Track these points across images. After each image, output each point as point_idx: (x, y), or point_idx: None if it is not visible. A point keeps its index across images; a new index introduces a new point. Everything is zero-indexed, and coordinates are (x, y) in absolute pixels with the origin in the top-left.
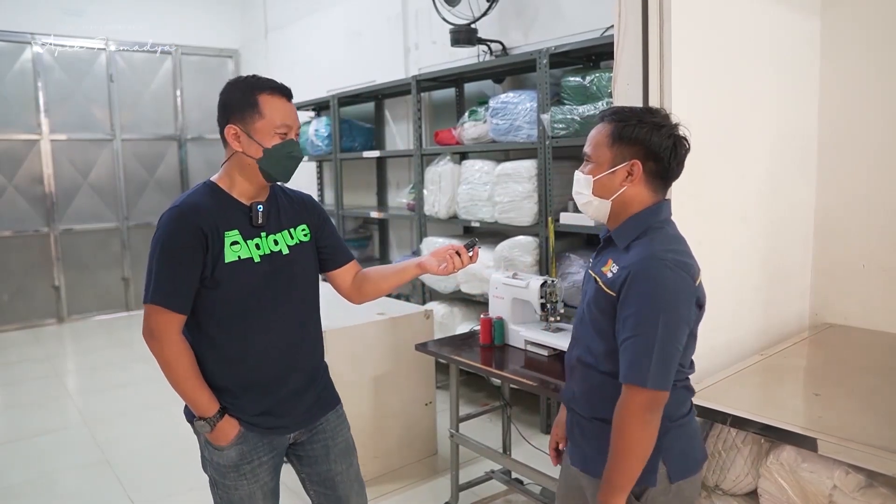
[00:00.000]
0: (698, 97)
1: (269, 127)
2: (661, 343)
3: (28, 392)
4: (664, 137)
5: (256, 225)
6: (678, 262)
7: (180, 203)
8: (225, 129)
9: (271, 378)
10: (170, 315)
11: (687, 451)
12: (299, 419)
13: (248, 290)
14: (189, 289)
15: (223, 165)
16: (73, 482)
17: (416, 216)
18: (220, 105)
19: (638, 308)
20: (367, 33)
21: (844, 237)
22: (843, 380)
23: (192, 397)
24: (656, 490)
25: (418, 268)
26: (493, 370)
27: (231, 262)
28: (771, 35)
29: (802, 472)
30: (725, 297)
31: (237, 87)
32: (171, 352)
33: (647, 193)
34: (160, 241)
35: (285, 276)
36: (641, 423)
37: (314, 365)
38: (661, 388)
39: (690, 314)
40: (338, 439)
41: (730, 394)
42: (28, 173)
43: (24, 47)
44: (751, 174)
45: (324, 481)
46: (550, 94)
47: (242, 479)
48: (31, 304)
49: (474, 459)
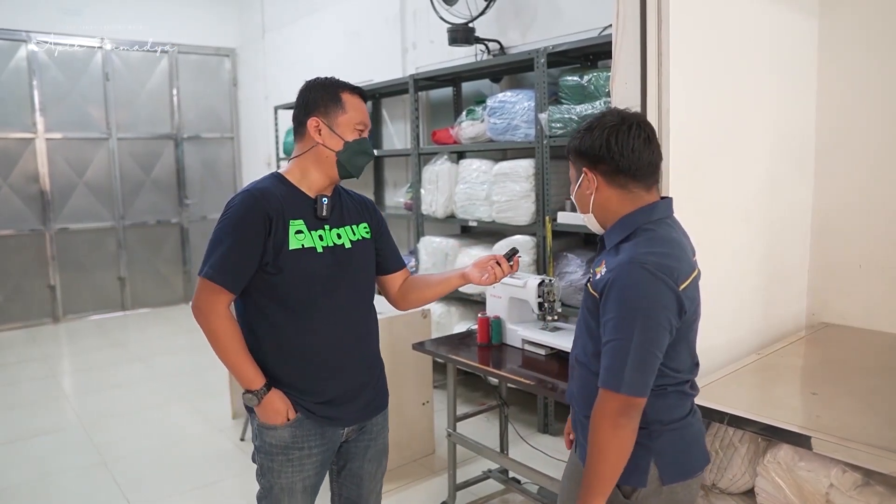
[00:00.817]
0: (697, 97)
1: (351, 122)
2: (637, 348)
3: (24, 392)
4: (595, 138)
5: (320, 217)
6: (660, 265)
7: (251, 188)
8: (308, 121)
9: (332, 367)
10: (220, 292)
11: (682, 455)
12: (356, 414)
13: (310, 279)
14: (245, 270)
15: (294, 159)
16: (69, 483)
17: (414, 215)
18: (302, 101)
19: (616, 312)
20: (365, 33)
21: (842, 237)
22: (841, 379)
23: (238, 369)
24: (647, 491)
25: (462, 278)
26: (490, 369)
27: (295, 249)
28: (769, 36)
29: (799, 470)
30: (725, 296)
31: (321, 84)
32: (217, 325)
33: (617, 194)
34: (227, 220)
35: (346, 269)
36: (613, 428)
37: (372, 359)
38: (635, 395)
39: (671, 319)
40: (379, 440)
41: (727, 393)
42: (23, 172)
43: (19, 45)
44: (750, 174)
45: (352, 477)
46: (548, 94)
47: (289, 465)
48: (26, 304)
49: (472, 459)
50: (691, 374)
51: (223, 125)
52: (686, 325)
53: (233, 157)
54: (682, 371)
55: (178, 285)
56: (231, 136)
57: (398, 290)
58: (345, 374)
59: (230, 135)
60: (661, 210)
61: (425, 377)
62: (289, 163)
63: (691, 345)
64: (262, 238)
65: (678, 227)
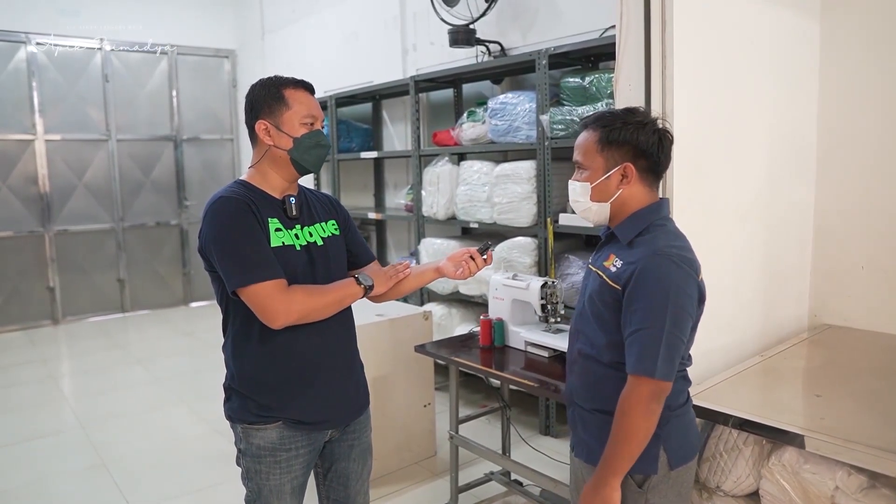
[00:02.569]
0: (700, 98)
1: (296, 117)
2: (669, 335)
3: (23, 395)
4: (649, 134)
5: (291, 216)
6: (683, 257)
7: (224, 192)
8: (256, 125)
9: (315, 369)
10: (268, 285)
11: (685, 439)
12: (341, 415)
13: (292, 276)
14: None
15: (253, 166)
16: (69, 486)
17: (415, 217)
18: (248, 105)
19: (646, 302)
20: (365, 35)
21: (844, 239)
22: (844, 381)
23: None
24: (657, 477)
25: (436, 272)
26: (493, 371)
27: (276, 246)
28: (770, 37)
29: (805, 473)
30: (726, 298)
31: (262, 85)
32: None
33: (643, 191)
34: (221, 226)
35: (322, 267)
36: (647, 412)
37: (352, 357)
38: (667, 379)
39: (694, 308)
40: (363, 439)
41: (731, 395)
42: (22, 174)
43: (18, 47)
44: (751, 175)
45: (339, 477)
46: (549, 95)
47: (277, 466)
48: (25, 306)
49: (473, 461)
50: (690, 362)
51: (223, 126)
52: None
53: (232, 158)
54: (686, 358)
55: (178, 287)
56: (231, 138)
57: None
58: (328, 375)
59: (230, 136)
60: (666, 208)
61: (426, 379)
62: (249, 170)
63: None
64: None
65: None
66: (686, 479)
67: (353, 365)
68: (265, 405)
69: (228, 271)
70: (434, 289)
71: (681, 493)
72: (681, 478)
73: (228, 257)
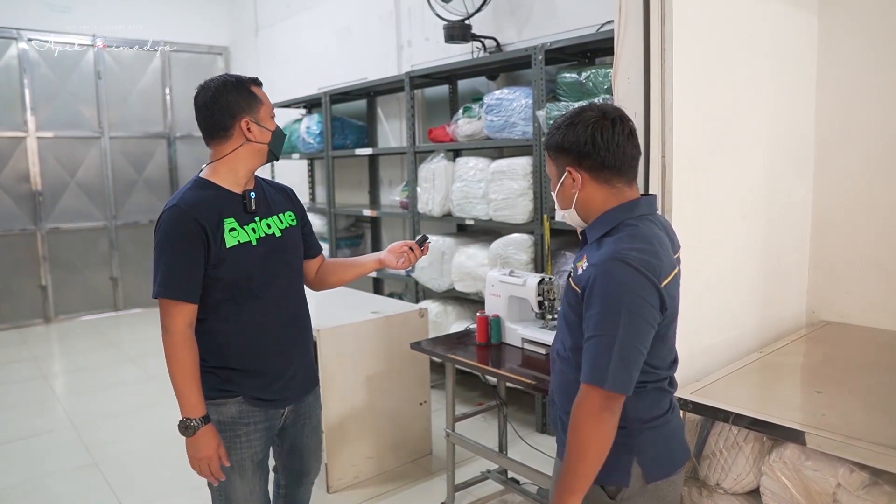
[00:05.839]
0: (698, 93)
1: (268, 113)
2: (622, 344)
3: (15, 393)
4: (580, 133)
5: (250, 211)
6: (643, 261)
7: (177, 201)
8: (238, 123)
9: (271, 352)
10: (178, 305)
11: (663, 453)
12: (293, 393)
13: (248, 271)
14: (195, 278)
15: (219, 160)
16: (61, 486)
17: (410, 214)
18: (219, 106)
19: (600, 308)
20: (359, 31)
21: (842, 235)
22: (844, 377)
23: (185, 392)
24: (631, 490)
25: (378, 262)
26: (490, 368)
27: (232, 246)
28: (768, 31)
29: (806, 469)
30: (725, 295)
31: (233, 85)
32: (172, 343)
33: (600, 190)
34: (163, 238)
35: (279, 257)
36: (597, 423)
37: (305, 340)
38: (620, 391)
39: (654, 315)
40: (313, 417)
41: (731, 392)
42: (14, 171)
43: (9, 43)
44: (750, 170)
45: (296, 452)
46: (546, 91)
47: (237, 440)
48: (17, 304)
49: (469, 459)
50: (670, 371)
51: None
52: (666, 322)
53: None
54: (661, 368)
55: None
56: None
57: (315, 274)
58: (280, 357)
59: None
60: (644, 207)
61: (422, 377)
62: (211, 165)
63: (670, 342)
64: (201, 245)
65: (661, 223)
66: (668, 493)
67: (306, 348)
68: (225, 379)
69: (154, 278)
70: (429, 286)
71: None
72: (660, 492)
73: (157, 267)
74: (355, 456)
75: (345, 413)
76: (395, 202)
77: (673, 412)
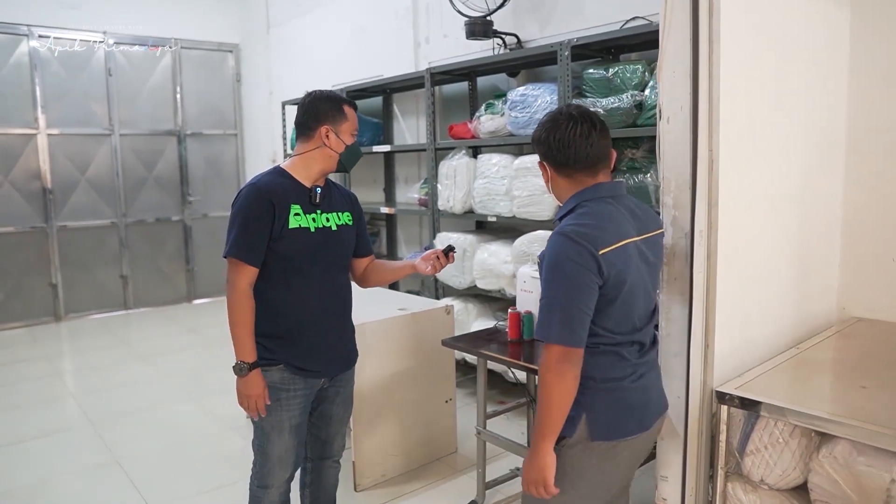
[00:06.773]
0: (743, 88)
1: (349, 130)
2: (564, 303)
3: (28, 392)
4: (540, 132)
5: (314, 203)
6: (580, 233)
7: (256, 181)
8: (320, 128)
9: (309, 327)
10: (243, 266)
11: (612, 416)
12: (332, 367)
13: (303, 253)
14: (260, 247)
15: (299, 155)
16: (82, 484)
17: (430, 211)
18: (312, 110)
19: (546, 275)
20: (374, 27)
21: (873, 231)
22: (884, 373)
23: (240, 339)
24: (572, 440)
25: (412, 268)
26: (524, 364)
27: (293, 228)
28: (803, 26)
29: (859, 465)
30: (759, 291)
31: (328, 98)
32: (235, 297)
33: (564, 182)
34: (239, 209)
35: (332, 247)
36: (557, 374)
37: (346, 321)
38: (568, 344)
39: (592, 278)
40: (347, 389)
41: (772, 387)
42: (24, 169)
43: (20, 40)
44: (784, 167)
45: (324, 417)
46: (571, 87)
47: (277, 404)
48: (28, 303)
49: (497, 457)
50: (631, 337)
51: (226, 121)
52: (613, 288)
53: (236, 153)
54: (615, 333)
55: (181, 284)
56: (234, 133)
57: (363, 272)
58: (324, 331)
59: (233, 131)
60: (606, 190)
61: (448, 374)
62: (292, 158)
63: (627, 308)
64: (269, 221)
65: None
66: (611, 457)
67: (346, 327)
68: (271, 349)
69: (227, 241)
70: (450, 283)
71: (602, 469)
72: (603, 453)
73: (230, 232)
74: (382, 453)
75: (372, 410)
76: (412, 199)
77: (633, 381)
